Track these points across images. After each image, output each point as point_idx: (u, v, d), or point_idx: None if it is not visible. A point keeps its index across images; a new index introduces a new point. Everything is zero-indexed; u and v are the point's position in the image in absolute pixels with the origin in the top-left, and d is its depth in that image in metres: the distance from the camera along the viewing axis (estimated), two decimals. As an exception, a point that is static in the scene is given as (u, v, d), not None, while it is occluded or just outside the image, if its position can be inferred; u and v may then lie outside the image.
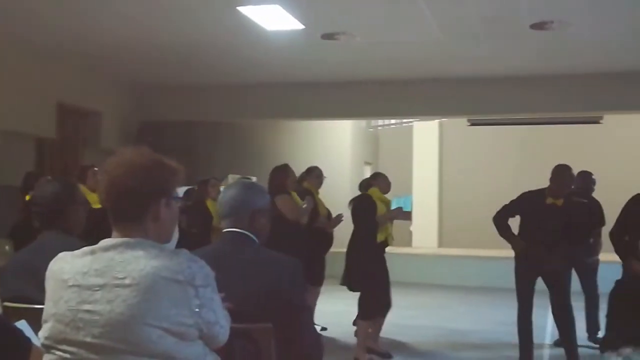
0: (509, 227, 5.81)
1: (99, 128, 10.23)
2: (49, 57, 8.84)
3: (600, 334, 6.73)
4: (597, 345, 6.53)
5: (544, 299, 5.80)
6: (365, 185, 6.84)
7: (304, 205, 6.28)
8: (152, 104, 10.98)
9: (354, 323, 6.59)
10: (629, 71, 9.25)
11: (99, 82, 10.14)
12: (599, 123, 12.78)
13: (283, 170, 6.59)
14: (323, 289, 6.83)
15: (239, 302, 2.21)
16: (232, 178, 10.03)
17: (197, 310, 1.79)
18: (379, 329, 6.35)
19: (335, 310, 7.43)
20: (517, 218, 5.90)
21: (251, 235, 2.61)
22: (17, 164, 8.14)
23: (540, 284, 5.72)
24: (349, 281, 6.53)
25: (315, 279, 6.40)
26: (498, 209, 5.88)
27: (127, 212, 1.87)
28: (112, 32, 7.74)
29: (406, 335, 7.14)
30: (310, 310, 2.71)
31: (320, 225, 6.79)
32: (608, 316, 4.97)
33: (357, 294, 6.30)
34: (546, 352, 6.21)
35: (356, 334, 6.40)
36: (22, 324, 2.29)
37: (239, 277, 2.38)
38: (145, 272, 1.77)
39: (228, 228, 2.62)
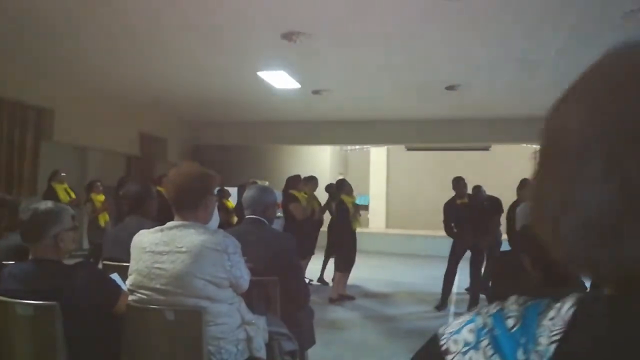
0: (451, 229, 5.87)
1: (165, 149, 10.21)
2: (135, 103, 8.83)
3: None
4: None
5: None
6: (332, 188, 6.74)
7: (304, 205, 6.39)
8: (201, 132, 10.96)
9: (332, 279, 6.55)
10: (506, 117, 9.38)
11: (166, 119, 10.12)
12: (488, 150, 12.92)
13: (295, 178, 6.71)
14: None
15: (256, 262, 2.25)
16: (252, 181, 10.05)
17: (228, 268, 1.84)
18: (346, 280, 6.34)
19: (317, 269, 7.43)
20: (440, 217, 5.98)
21: (264, 220, 2.65)
22: (113, 173, 8.12)
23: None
24: (330, 251, 6.59)
25: (308, 250, 6.38)
26: (442, 220, 5.93)
27: (185, 204, 1.91)
28: (175, 86, 7.75)
29: (365, 285, 7.11)
30: (301, 268, 2.72)
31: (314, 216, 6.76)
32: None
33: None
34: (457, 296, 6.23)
35: (332, 282, 6.41)
36: (115, 276, 2.31)
37: (257, 246, 2.40)
38: (195, 243, 1.81)
39: (249, 215, 2.66)
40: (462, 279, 6.22)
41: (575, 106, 0.45)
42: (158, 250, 1.82)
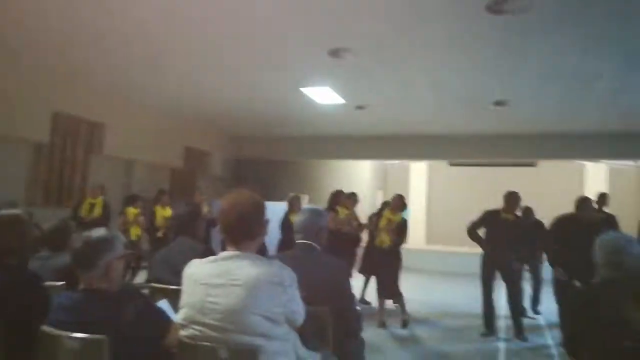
0: (478, 235, 5.39)
1: (208, 162, 10.29)
2: (181, 117, 8.95)
3: (540, 308, 6.46)
4: (536, 313, 6.36)
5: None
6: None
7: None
8: (243, 147, 11.00)
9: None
10: (555, 133, 8.99)
11: (210, 132, 10.22)
12: (534, 166, 12.43)
13: (338, 193, 6.60)
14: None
15: (309, 291, 2.11)
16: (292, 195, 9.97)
17: (285, 302, 1.70)
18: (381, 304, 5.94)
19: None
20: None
21: (315, 245, 2.51)
22: (157, 185, 8.22)
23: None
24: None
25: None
26: (468, 225, 5.44)
27: (240, 235, 1.79)
28: (220, 101, 7.79)
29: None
30: (354, 296, 2.57)
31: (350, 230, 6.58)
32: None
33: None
34: (502, 321, 5.88)
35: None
36: (163, 303, 2.20)
37: (309, 273, 2.25)
38: (251, 275, 1.68)
39: (301, 240, 2.52)
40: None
41: None
42: (212, 282, 1.71)
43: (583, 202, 4.86)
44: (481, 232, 5.47)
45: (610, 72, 5.45)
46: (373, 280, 6.26)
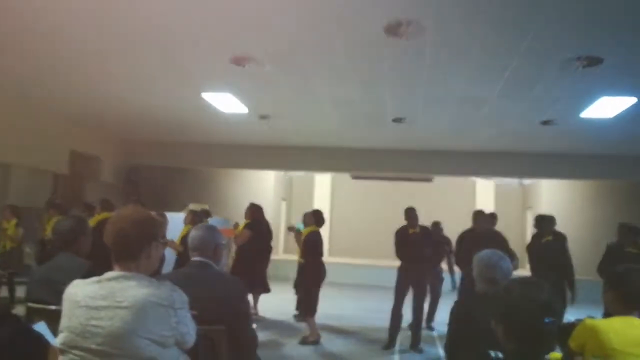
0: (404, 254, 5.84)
1: (98, 168, 9.72)
2: (66, 118, 8.38)
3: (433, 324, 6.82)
4: (430, 329, 6.69)
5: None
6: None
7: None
8: (137, 152, 10.53)
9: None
10: (448, 149, 9.75)
11: (100, 136, 9.67)
12: (430, 181, 13.32)
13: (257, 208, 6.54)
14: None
15: (202, 310, 2.10)
16: (192, 206, 9.73)
17: (174, 325, 1.69)
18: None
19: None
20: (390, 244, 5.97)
21: (211, 263, 2.50)
22: (39, 192, 7.59)
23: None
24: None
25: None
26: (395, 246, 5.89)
27: (127, 253, 1.75)
28: (110, 103, 7.42)
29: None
30: (249, 315, 2.59)
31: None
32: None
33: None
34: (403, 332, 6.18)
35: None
36: (41, 325, 2.08)
37: (203, 292, 2.24)
38: (138, 298, 1.66)
39: (196, 258, 2.49)
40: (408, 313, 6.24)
41: None
42: (94, 305, 1.65)
43: (478, 215, 5.65)
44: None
45: (493, 97, 6.08)
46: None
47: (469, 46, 4.53)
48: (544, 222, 5.85)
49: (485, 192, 14.18)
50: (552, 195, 12.59)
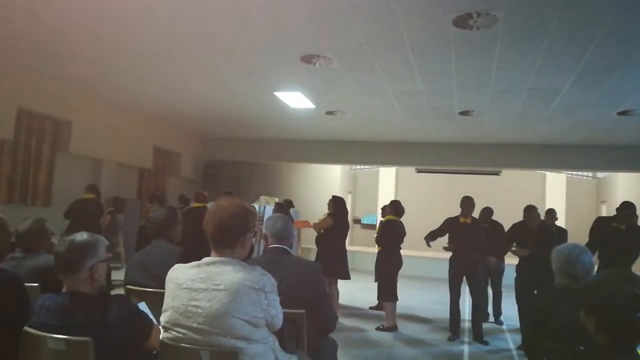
0: (432, 239, 5.80)
1: (178, 163, 10.23)
2: (150, 117, 8.88)
3: (502, 317, 6.60)
4: (499, 324, 6.48)
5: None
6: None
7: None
8: (214, 148, 10.98)
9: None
10: (517, 142, 9.37)
11: (180, 133, 10.16)
12: (498, 175, 12.84)
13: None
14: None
15: (284, 294, 2.20)
16: (263, 199, 10.01)
17: (265, 307, 1.79)
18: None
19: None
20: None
21: (288, 249, 2.63)
22: (126, 185, 8.12)
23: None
24: None
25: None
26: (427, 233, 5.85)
27: (225, 241, 1.86)
28: (191, 102, 7.78)
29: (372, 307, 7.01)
30: (330, 296, 2.70)
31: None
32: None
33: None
34: (466, 324, 6.08)
35: None
36: (142, 305, 2.25)
37: (284, 276, 2.35)
38: (234, 281, 1.76)
39: (275, 244, 2.62)
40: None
41: None
42: (195, 287, 1.78)
43: (529, 210, 5.40)
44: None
45: (567, 88, 5.77)
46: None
47: (541, 36, 4.34)
48: (627, 210, 5.43)
49: (556, 185, 13.50)
50: (629, 189, 11.77)
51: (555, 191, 13.26)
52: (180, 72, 6.10)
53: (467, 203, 5.69)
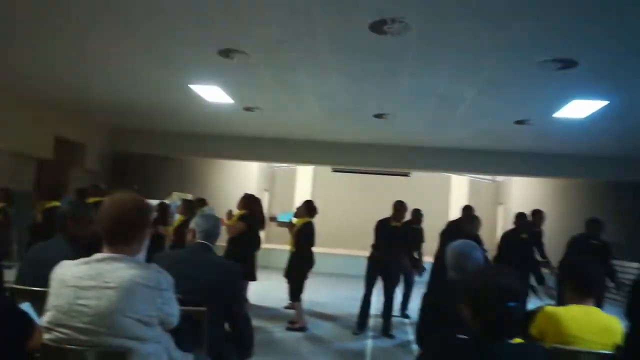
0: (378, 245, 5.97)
1: (84, 155, 9.57)
2: (51, 105, 8.21)
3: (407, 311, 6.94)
4: (405, 317, 6.83)
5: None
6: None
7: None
8: (123, 140, 10.39)
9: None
10: (426, 146, 9.86)
11: (85, 123, 9.51)
12: (408, 176, 13.43)
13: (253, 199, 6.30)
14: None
15: (198, 288, 2.23)
16: (175, 195, 9.67)
17: (159, 306, 1.71)
18: None
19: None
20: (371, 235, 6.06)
21: (211, 246, 2.62)
22: (23, 177, 7.44)
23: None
24: None
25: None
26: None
27: (121, 237, 1.75)
28: (97, 90, 7.30)
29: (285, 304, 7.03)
30: (243, 297, 2.74)
31: None
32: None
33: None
34: (373, 319, 6.29)
35: None
36: (26, 306, 2.08)
37: (201, 272, 2.42)
38: (126, 278, 1.67)
39: (201, 240, 2.62)
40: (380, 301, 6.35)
41: None
42: (82, 285, 1.65)
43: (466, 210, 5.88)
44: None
45: (472, 97, 6.16)
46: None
47: (450, 47, 4.58)
48: (523, 220, 6.03)
49: (459, 187, 14.39)
50: (521, 192, 12.82)
51: (459, 192, 14.13)
52: (88, 60, 5.69)
53: (399, 207, 5.93)
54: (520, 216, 6.18)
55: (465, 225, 5.62)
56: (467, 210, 6.38)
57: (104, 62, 5.82)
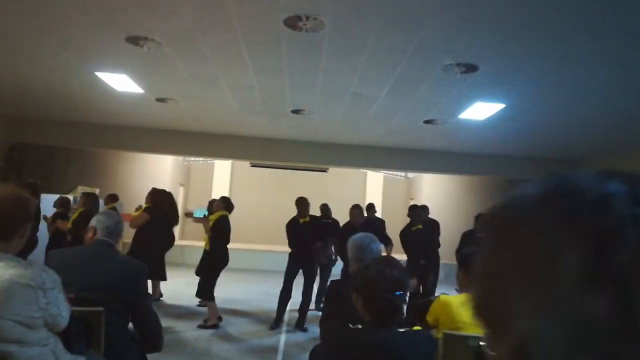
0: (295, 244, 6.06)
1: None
2: None
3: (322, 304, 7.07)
4: (320, 311, 6.95)
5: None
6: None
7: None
8: (21, 129, 9.51)
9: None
10: (343, 143, 10.08)
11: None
12: (325, 172, 13.67)
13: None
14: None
15: (101, 285, 2.12)
16: (81, 189, 9.09)
17: (44, 306, 1.60)
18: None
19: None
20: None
21: (114, 243, 2.52)
22: None
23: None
24: None
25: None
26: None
27: (1, 233, 1.62)
28: (-8, 75, 6.65)
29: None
30: (148, 295, 2.64)
31: None
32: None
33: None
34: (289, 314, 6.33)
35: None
36: None
37: (103, 269, 2.32)
38: (4, 278, 1.54)
39: (104, 237, 2.52)
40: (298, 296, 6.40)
41: None
42: (-45, 285, 1.51)
43: (353, 207, 6.15)
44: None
45: (383, 96, 6.38)
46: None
47: (362, 46, 4.70)
48: (415, 212, 6.42)
49: (375, 183, 14.89)
50: (431, 188, 13.54)
51: (374, 188, 14.62)
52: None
53: (302, 203, 6.06)
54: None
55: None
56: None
57: (1, 43, 5.31)
